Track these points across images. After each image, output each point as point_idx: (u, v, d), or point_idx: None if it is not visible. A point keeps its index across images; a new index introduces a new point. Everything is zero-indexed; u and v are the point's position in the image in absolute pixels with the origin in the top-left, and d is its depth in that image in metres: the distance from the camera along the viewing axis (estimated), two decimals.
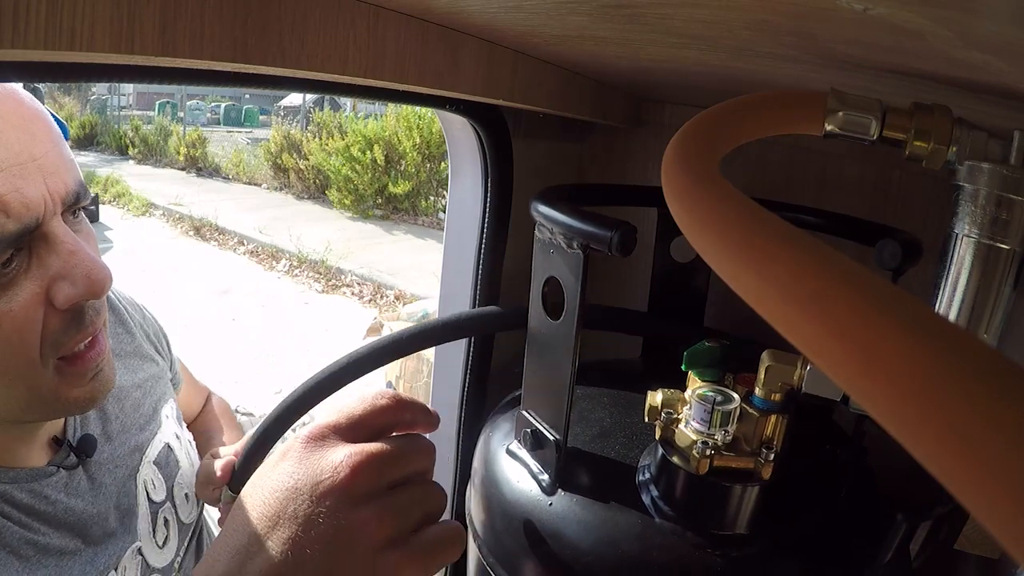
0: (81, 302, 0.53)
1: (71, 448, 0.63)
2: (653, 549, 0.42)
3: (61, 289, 0.52)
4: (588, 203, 0.56)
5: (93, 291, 0.53)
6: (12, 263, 0.49)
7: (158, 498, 0.70)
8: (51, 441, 0.63)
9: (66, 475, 0.61)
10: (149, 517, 0.68)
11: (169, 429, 0.76)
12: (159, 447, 0.73)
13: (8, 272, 0.49)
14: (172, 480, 0.73)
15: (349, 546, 0.36)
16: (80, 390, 0.56)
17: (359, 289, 6.22)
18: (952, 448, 0.13)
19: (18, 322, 0.50)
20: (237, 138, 14.77)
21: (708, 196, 0.23)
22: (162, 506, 0.70)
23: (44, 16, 0.26)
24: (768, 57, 0.41)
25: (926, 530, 0.46)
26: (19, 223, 0.48)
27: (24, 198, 0.48)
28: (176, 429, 0.77)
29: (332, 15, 0.39)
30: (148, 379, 0.75)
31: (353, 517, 0.36)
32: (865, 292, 0.16)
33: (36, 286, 0.51)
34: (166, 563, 0.68)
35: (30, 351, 0.51)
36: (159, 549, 0.67)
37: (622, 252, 0.39)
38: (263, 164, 10.71)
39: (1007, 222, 0.35)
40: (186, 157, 12.19)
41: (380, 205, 8.37)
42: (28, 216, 0.49)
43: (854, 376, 0.16)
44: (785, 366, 0.40)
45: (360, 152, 8.12)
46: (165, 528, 0.69)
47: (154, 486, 0.70)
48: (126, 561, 0.63)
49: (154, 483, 0.70)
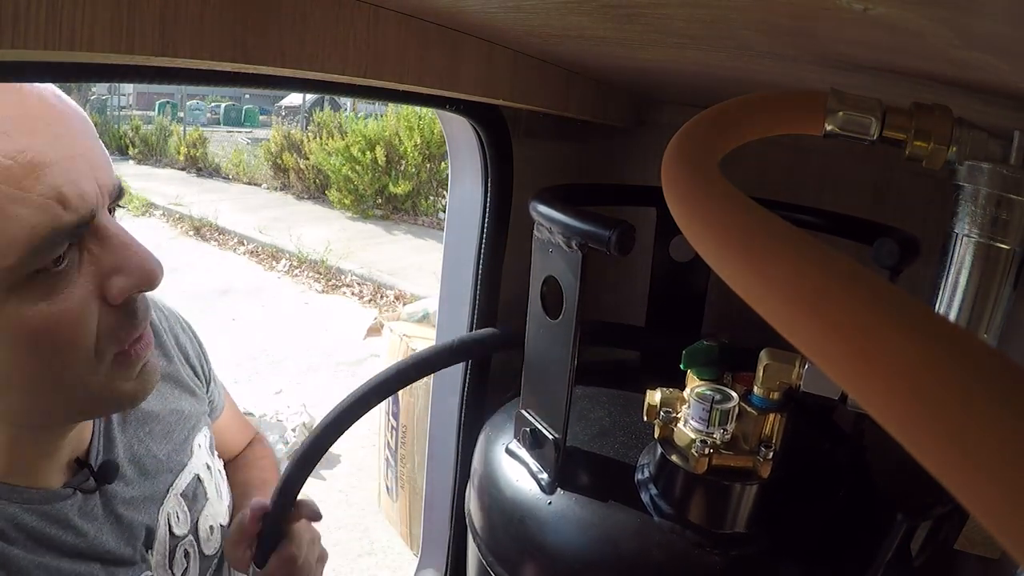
0: (134, 294, 0.52)
1: (91, 472, 0.60)
2: (652, 547, 0.42)
3: (115, 283, 0.51)
4: (587, 203, 0.56)
5: (148, 281, 0.52)
6: (64, 260, 0.48)
7: (180, 532, 0.67)
8: (71, 462, 0.60)
9: (82, 498, 0.59)
10: (167, 550, 0.65)
11: (200, 460, 0.73)
12: (188, 478, 0.70)
13: (62, 267, 0.48)
14: (198, 513, 0.70)
15: None
16: (130, 384, 0.55)
17: (359, 289, 6.21)
18: (952, 447, 0.13)
19: (73, 322, 0.49)
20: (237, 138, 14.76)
21: (708, 196, 0.23)
22: (183, 540, 0.67)
23: (44, 16, 0.26)
24: (768, 57, 0.41)
25: (926, 530, 0.46)
26: (76, 215, 0.47)
27: (79, 190, 0.48)
28: (207, 459, 0.74)
29: (332, 15, 0.39)
30: (183, 407, 0.72)
31: None
32: (865, 292, 0.16)
33: (90, 282, 0.50)
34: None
35: (87, 349, 0.50)
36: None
37: (620, 251, 0.39)
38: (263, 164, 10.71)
39: (1007, 222, 0.35)
40: (186, 157, 12.19)
41: (380, 205, 8.37)
42: (84, 208, 0.48)
43: (854, 375, 0.16)
44: (783, 365, 0.40)
45: (360, 152, 8.11)
46: (185, 560, 0.67)
47: (178, 519, 0.67)
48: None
49: (178, 516, 0.67)
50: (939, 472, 0.14)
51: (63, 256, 0.48)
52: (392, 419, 2.34)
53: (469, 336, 0.69)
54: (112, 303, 0.51)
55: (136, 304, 0.53)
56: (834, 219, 0.61)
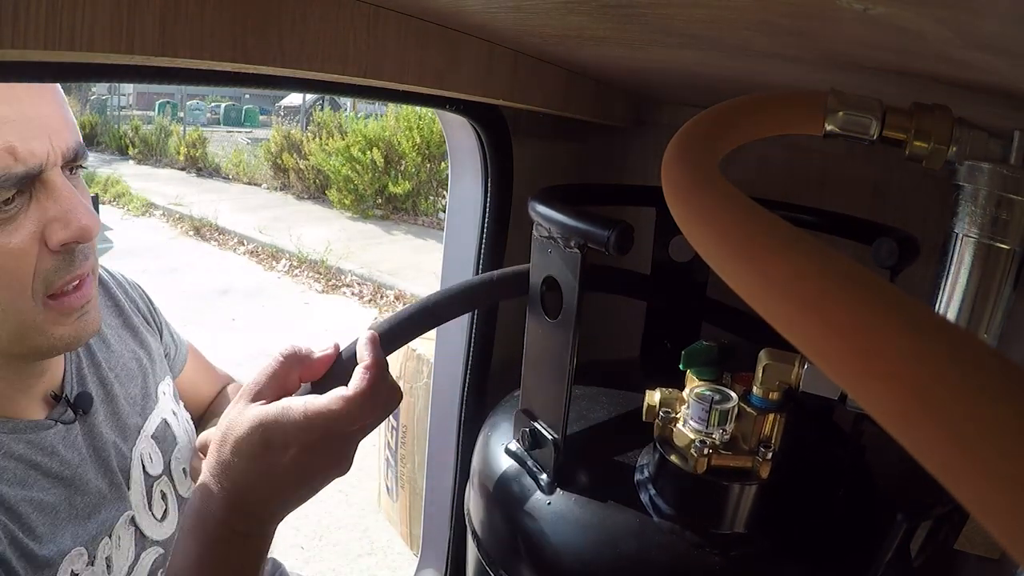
0: (72, 244, 0.59)
1: (68, 403, 0.67)
2: (651, 548, 0.42)
3: (55, 231, 0.58)
4: (587, 203, 0.56)
5: (83, 235, 0.59)
6: (14, 202, 0.56)
7: (154, 471, 0.73)
8: (49, 397, 0.66)
9: (64, 429, 0.65)
10: (144, 489, 0.70)
11: (166, 406, 0.79)
12: (156, 422, 0.76)
13: (9, 210, 0.56)
14: (169, 455, 0.75)
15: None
16: (65, 328, 0.61)
17: (359, 289, 6.21)
18: (951, 447, 0.13)
19: (14, 256, 0.56)
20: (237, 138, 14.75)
21: (708, 196, 0.23)
22: (158, 479, 0.73)
23: (44, 16, 0.26)
24: (768, 57, 0.41)
25: (926, 530, 0.46)
26: (25, 167, 0.55)
27: (30, 147, 0.55)
28: (173, 406, 0.80)
29: (332, 15, 0.39)
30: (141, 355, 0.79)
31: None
32: (865, 292, 0.16)
33: (33, 226, 0.57)
34: (166, 536, 0.69)
35: (23, 285, 0.57)
36: (157, 522, 0.69)
37: (619, 251, 0.39)
38: (263, 164, 10.70)
39: (1007, 222, 0.35)
40: (186, 157, 12.18)
41: (380, 205, 8.36)
42: (33, 162, 0.56)
43: (853, 375, 0.16)
44: (783, 365, 0.40)
45: (360, 152, 8.11)
46: (163, 501, 0.71)
47: (151, 459, 0.73)
48: (119, 530, 0.66)
49: (151, 456, 0.73)
50: (938, 472, 0.14)
51: (12, 199, 0.56)
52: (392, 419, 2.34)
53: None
54: (51, 248, 0.58)
55: (74, 254, 0.60)
56: (834, 219, 0.61)
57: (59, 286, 0.60)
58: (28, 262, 0.57)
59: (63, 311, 0.61)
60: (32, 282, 0.58)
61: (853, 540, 0.44)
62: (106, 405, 0.71)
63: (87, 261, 0.62)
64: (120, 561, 0.65)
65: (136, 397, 0.75)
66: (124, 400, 0.73)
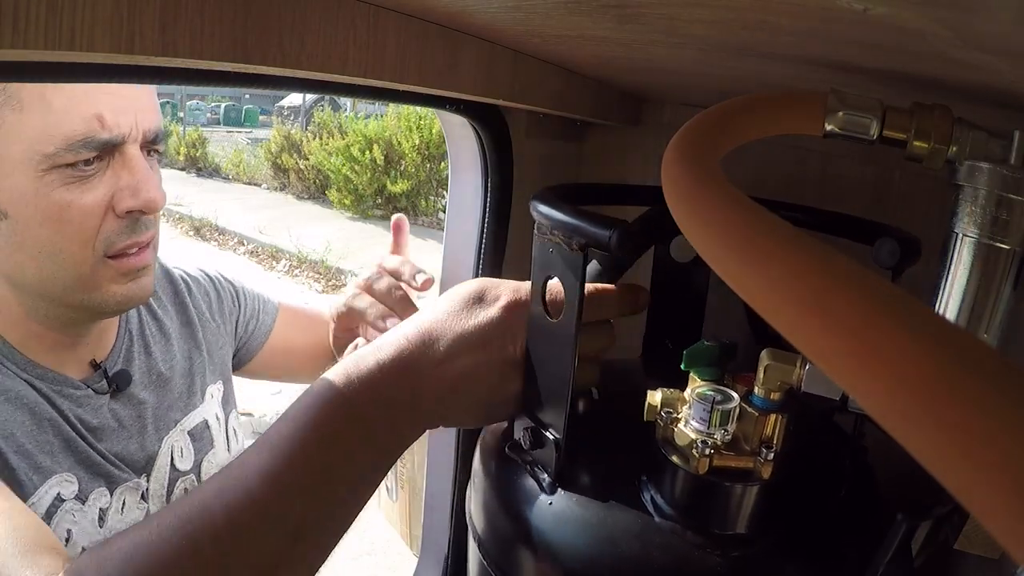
0: (137, 213, 0.65)
1: (105, 375, 0.71)
2: (653, 548, 0.42)
3: (124, 198, 0.64)
4: (588, 202, 0.55)
5: (149, 206, 0.65)
6: (92, 164, 0.62)
7: (183, 467, 0.74)
8: (91, 362, 0.71)
9: (92, 395, 0.69)
10: (167, 481, 0.72)
11: (211, 409, 0.82)
12: (197, 420, 0.79)
13: (88, 170, 0.62)
14: (203, 455, 0.77)
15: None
16: (118, 287, 0.67)
17: None
18: (951, 448, 0.13)
19: (83, 213, 0.62)
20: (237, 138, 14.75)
21: (708, 196, 0.23)
22: (185, 476, 0.74)
23: (44, 16, 0.26)
24: (768, 57, 0.41)
25: (926, 530, 0.46)
26: (109, 134, 0.62)
27: (117, 119, 0.62)
28: (218, 411, 0.83)
29: (332, 15, 0.39)
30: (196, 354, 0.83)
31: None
32: (865, 292, 0.16)
33: (106, 189, 0.63)
34: None
35: (86, 240, 0.63)
36: None
37: (621, 251, 0.39)
38: (263, 164, 10.70)
39: (1007, 222, 0.35)
40: (186, 157, 12.18)
41: (380, 205, 8.36)
42: (116, 132, 0.62)
43: (854, 376, 0.16)
44: (784, 365, 0.40)
45: (360, 152, 8.11)
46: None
47: (181, 454, 0.75)
48: (125, 494, 0.67)
49: (182, 451, 0.76)
50: (938, 472, 0.14)
51: (92, 161, 0.62)
52: None
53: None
54: (117, 214, 0.64)
55: (138, 223, 0.66)
56: (834, 219, 0.61)
57: (119, 248, 0.65)
58: (94, 222, 0.63)
59: (120, 270, 0.66)
60: (95, 239, 0.63)
61: (854, 540, 0.44)
62: (147, 391, 0.75)
63: (148, 231, 0.68)
64: (115, 523, 0.66)
65: (182, 392, 0.79)
66: (168, 392, 0.77)
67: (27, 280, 0.64)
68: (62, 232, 0.61)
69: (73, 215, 0.61)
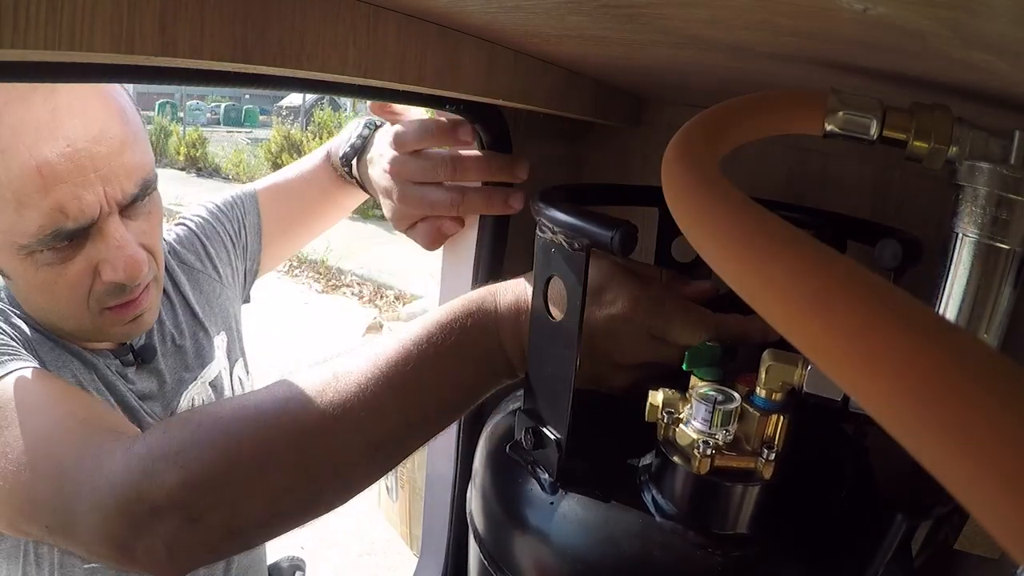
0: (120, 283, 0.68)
1: (131, 349, 0.77)
2: (654, 548, 0.42)
3: (106, 271, 0.67)
4: (589, 203, 0.56)
5: (130, 279, 0.68)
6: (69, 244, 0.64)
7: None
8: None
9: (120, 366, 0.76)
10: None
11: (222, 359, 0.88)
12: (216, 371, 0.85)
13: (63, 249, 0.64)
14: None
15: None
16: (119, 328, 0.71)
17: (359, 289, 6.21)
18: (952, 449, 0.13)
19: (71, 284, 0.66)
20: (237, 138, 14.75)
21: (708, 196, 0.23)
22: None
23: (44, 16, 0.26)
24: (768, 57, 0.41)
25: (926, 530, 0.46)
26: (76, 223, 0.62)
27: (82, 204, 0.62)
28: (225, 363, 0.88)
29: (332, 15, 0.39)
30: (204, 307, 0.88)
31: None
32: (866, 292, 0.16)
33: (87, 262, 0.66)
34: None
35: (79, 303, 0.67)
36: None
37: (623, 252, 0.39)
38: (263, 164, 10.70)
39: (1007, 222, 0.35)
40: (186, 157, 12.18)
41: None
42: (84, 218, 0.63)
43: (854, 376, 0.16)
44: (786, 366, 0.40)
45: None
46: None
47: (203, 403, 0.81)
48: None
49: (203, 400, 0.81)
50: (939, 472, 0.14)
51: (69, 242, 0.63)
52: None
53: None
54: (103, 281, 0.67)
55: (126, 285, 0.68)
56: (835, 220, 0.61)
57: (112, 304, 0.68)
58: (82, 289, 0.66)
59: (117, 319, 0.70)
60: (87, 300, 0.67)
61: (855, 541, 0.44)
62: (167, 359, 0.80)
63: (139, 287, 0.70)
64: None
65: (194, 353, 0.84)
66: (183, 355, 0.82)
67: (41, 320, 0.71)
68: (55, 298, 0.66)
69: (61, 287, 0.65)
